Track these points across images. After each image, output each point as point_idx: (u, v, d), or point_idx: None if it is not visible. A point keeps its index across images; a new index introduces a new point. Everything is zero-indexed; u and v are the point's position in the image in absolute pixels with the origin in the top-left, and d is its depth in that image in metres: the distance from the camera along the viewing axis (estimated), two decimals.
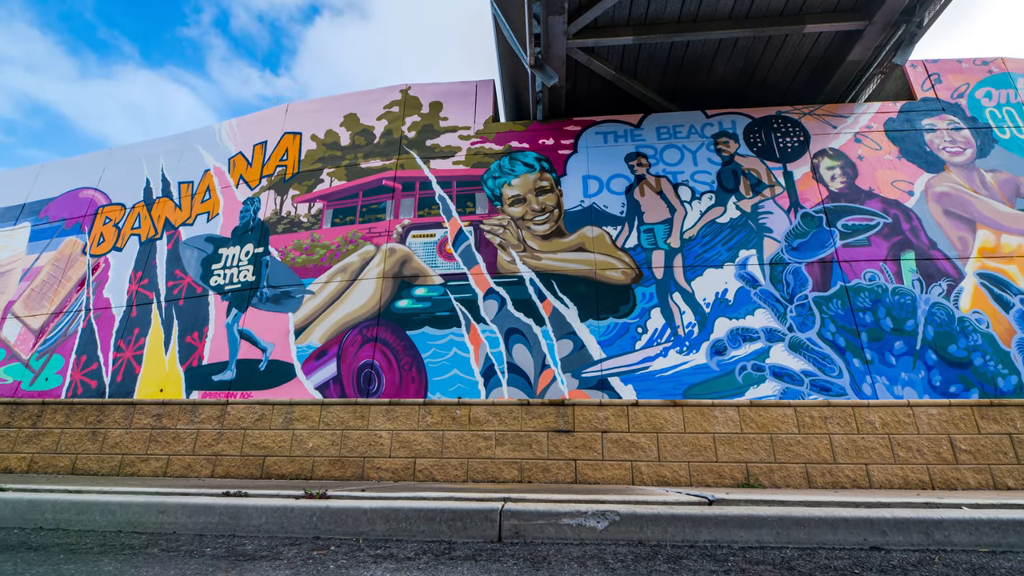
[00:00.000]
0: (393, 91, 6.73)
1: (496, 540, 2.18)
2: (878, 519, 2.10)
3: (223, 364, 5.84)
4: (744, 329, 5.19)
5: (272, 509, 2.32)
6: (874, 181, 5.60)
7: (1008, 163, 5.56)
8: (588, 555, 1.97)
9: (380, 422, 4.70)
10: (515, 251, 5.77)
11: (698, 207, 5.74)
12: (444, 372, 5.37)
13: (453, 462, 4.52)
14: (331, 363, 5.60)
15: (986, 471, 4.18)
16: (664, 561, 1.89)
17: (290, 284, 6.05)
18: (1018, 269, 5.17)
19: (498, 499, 2.42)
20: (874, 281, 5.24)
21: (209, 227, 6.69)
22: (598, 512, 2.17)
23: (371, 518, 2.25)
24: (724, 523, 2.12)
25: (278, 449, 4.70)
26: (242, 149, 7.00)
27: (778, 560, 1.91)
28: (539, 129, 6.27)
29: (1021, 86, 5.90)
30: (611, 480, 4.40)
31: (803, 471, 4.27)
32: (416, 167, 6.28)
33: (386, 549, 2.06)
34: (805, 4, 5.27)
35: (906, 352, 4.98)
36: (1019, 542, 2.07)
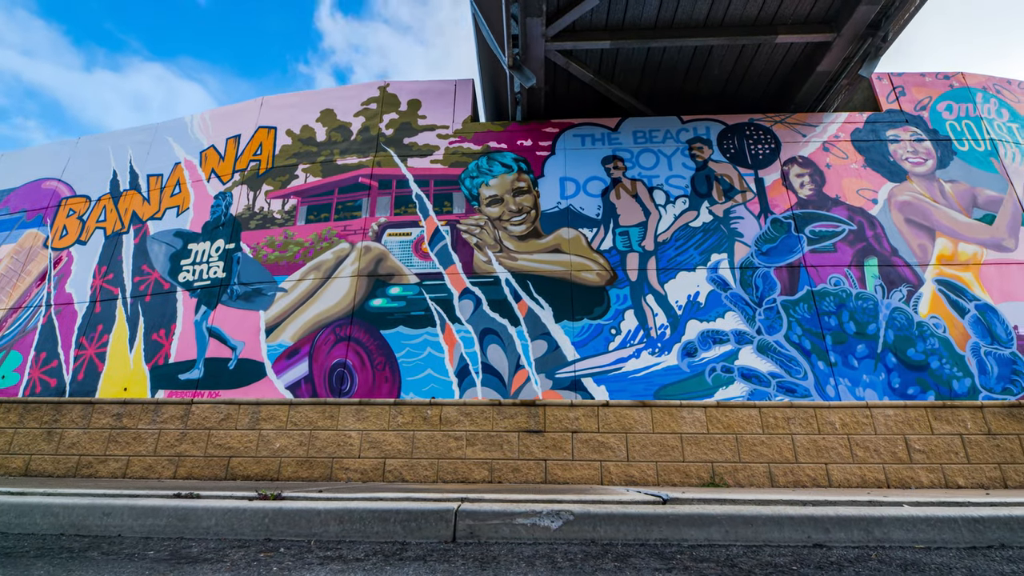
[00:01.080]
0: (371, 88, 6.66)
1: (451, 540, 2.17)
2: (822, 517, 2.16)
3: (191, 363, 5.70)
4: (714, 331, 5.29)
5: (223, 511, 2.27)
6: (840, 189, 5.77)
7: (966, 174, 5.80)
8: (539, 554, 1.98)
9: (350, 422, 4.65)
10: (491, 251, 5.77)
11: (672, 211, 5.83)
12: (418, 372, 5.33)
13: (423, 462, 4.49)
14: (303, 362, 5.51)
15: (938, 470, 4.34)
16: (612, 559, 1.91)
17: (262, 281, 5.93)
18: (973, 276, 5.38)
19: (456, 499, 2.41)
20: (839, 286, 5.40)
21: (179, 222, 6.51)
22: (553, 512, 2.19)
23: (324, 519, 2.22)
24: (675, 522, 2.16)
25: (244, 450, 4.60)
26: (214, 142, 6.84)
27: (723, 558, 1.95)
28: (518, 130, 6.29)
29: (979, 100, 6.16)
30: (581, 480, 4.43)
31: (766, 471, 4.37)
32: (393, 165, 6.23)
33: (336, 551, 2.04)
34: (777, 15, 5.41)
35: (868, 355, 5.14)
36: (953, 538, 2.16)
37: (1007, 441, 4.42)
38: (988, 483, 4.35)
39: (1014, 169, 5.82)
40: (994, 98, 6.19)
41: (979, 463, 4.36)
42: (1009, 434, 4.43)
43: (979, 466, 4.35)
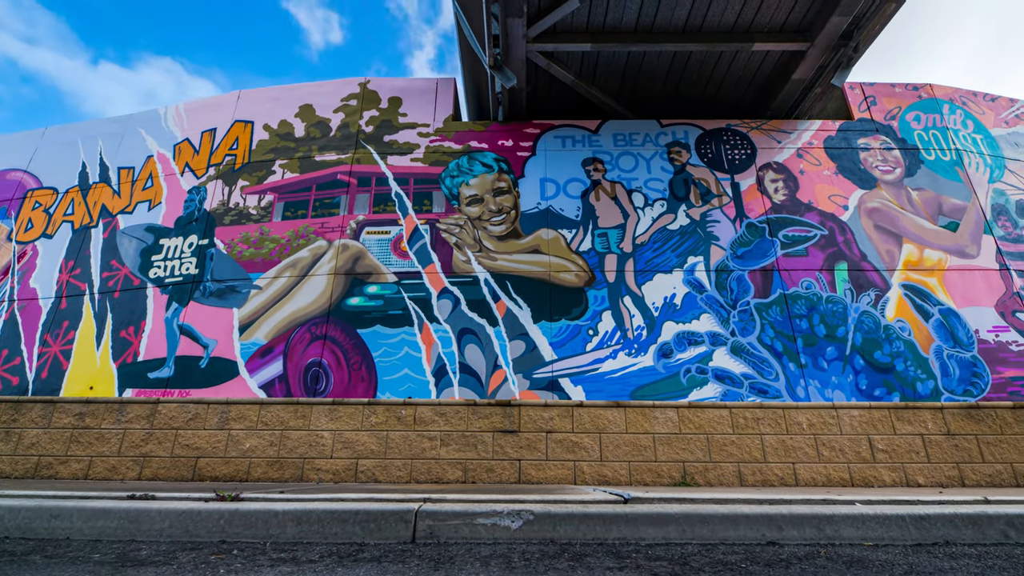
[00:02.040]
0: (351, 84, 6.59)
1: (410, 541, 2.16)
2: (776, 515, 2.20)
3: (160, 361, 5.56)
4: (690, 333, 5.36)
5: (177, 513, 2.22)
6: (813, 195, 5.90)
7: (932, 183, 5.99)
8: (496, 554, 1.98)
9: (322, 422, 4.59)
10: (471, 251, 5.76)
11: (650, 213, 5.89)
12: (395, 372, 5.29)
13: (397, 463, 4.46)
14: (277, 361, 5.42)
15: (900, 469, 4.48)
16: (568, 559, 1.92)
17: (236, 278, 5.82)
18: (938, 281, 5.56)
19: (418, 499, 2.40)
20: (810, 289, 5.52)
21: (150, 216, 6.35)
22: (513, 512, 2.19)
23: (282, 521, 2.18)
24: (633, 521, 2.18)
25: (212, 450, 4.50)
26: (189, 135, 6.68)
27: (677, 556, 1.98)
28: (499, 130, 6.28)
29: (946, 112, 6.37)
30: (554, 480, 4.45)
31: (736, 470, 4.45)
32: (373, 162, 6.17)
33: (291, 552, 2.01)
34: (753, 23, 5.51)
35: (837, 357, 5.27)
36: (900, 535, 2.23)
37: (965, 441, 4.57)
38: (947, 482, 4.49)
39: (977, 179, 6.03)
40: (960, 110, 6.41)
41: (939, 462, 4.50)
42: (967, 434, 4.59)
43: (939, 465, 4.49)
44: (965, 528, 2.24)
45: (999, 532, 2.25)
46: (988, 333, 5.31)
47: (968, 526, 2.24)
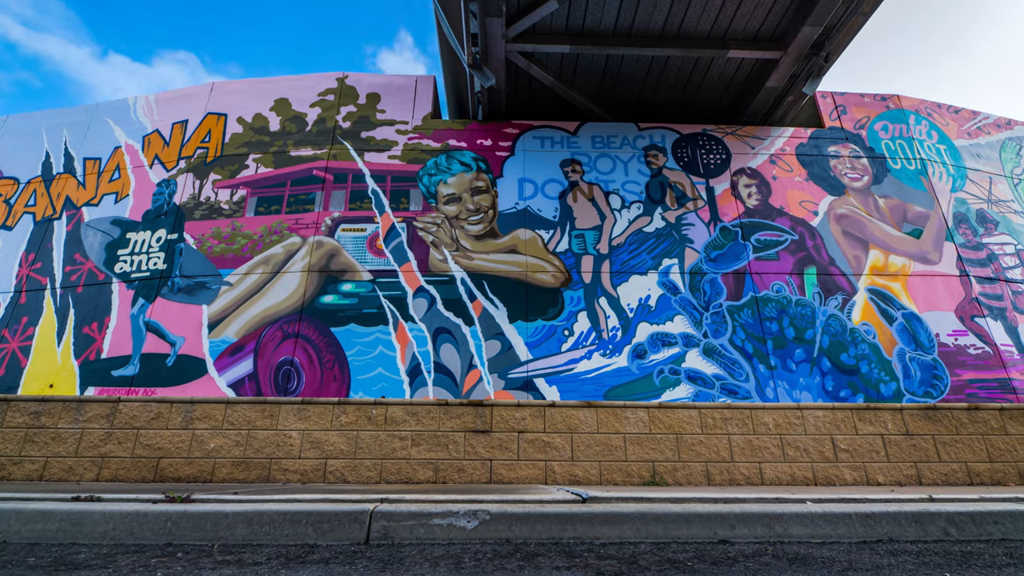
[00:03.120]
0: (329, 78, 6.50)
1: (363, 542, 2.13)
2: (728, 513, 2.24)
3: (125, 358, 5.39)
4: (664, 334, 5.43)
5: (122, 515, 2.15)
6: (785, 200, 6.04)
7: (898, 191, 6.18)
8: (448, 555, 1.97)
9: (291, 422, 4.51)
10: (448, 250, 5.73)
11: (627, 215, 5.95)
12: (368, 371, 5.23)
13: (367, 463, 4.41)
14: (247, 359, 5.31)
15: (861, 468, 4.60)
16: (519, 559, 1.92)
17: (206, 274, 5.68)
18: (901, 286, 5.74)
19: (376, 500, 2.37)
20: (780, 293, 5.65)
21: (117, 209, 6.16)
22: (470, 512, 2.18)
23: (232, 522, 2.13)
24: (589, 520, 2.19)
25: (175, 450, 4.39)
26: (159, 127, 6.50)
27: (627, 555, 2.00)
28: (478, 129, 6.27)
29: (912, 122, 6.58)
30: (525, 480, 4.45)
31: (704, 469, 4.52)
32: (349, 159, 6.09)
33: (238, 555, 1.97)
34: (729, 31, 5.60)
35: (805, 359, 5.39)
36: (846, 533, 2.29)
37: (923, 441, 4.73)
38: (905, 480, 4.64)
39: (940, 187, 6.24)
40: (925, 120, 6.63)
41: (897, 461, 4.64)
42: (925, 434, 4.75)
43: (897, 464, 4.63)
44: (908, 525, 2.31)
45: (940, 529, 2.33)
46: (948, 337, 5.50)
47: (911, 523, 2.32)
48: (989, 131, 6.80)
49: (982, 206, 6.27)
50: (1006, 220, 6.25)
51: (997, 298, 5.79)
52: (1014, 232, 6.20)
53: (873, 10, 5.10)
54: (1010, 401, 5.23)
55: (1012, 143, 6.83)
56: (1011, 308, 5.78)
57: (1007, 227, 6.21)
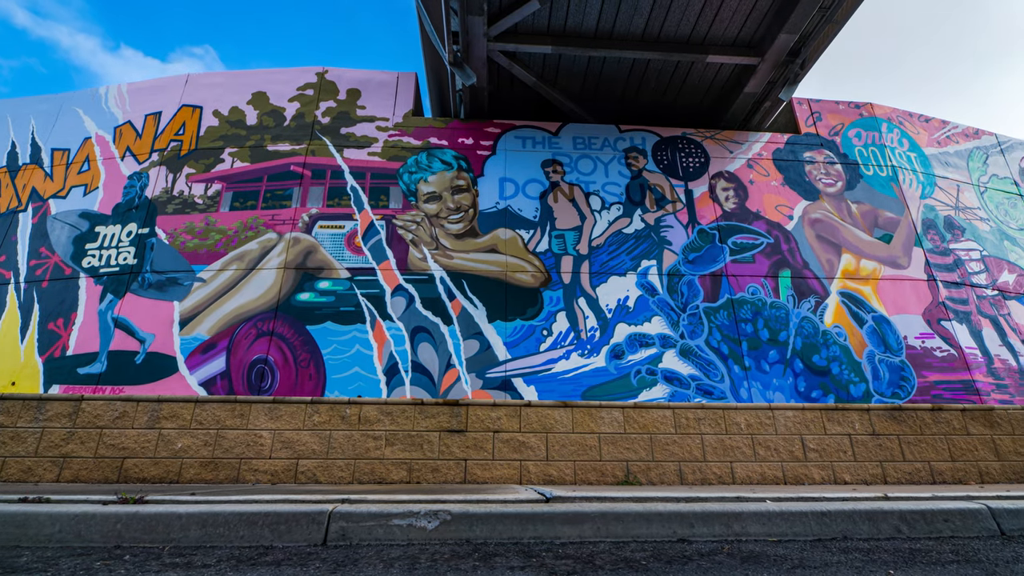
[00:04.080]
0: (308, 73, 6.40)
1: (321, 543, 2.10)
2: (688, 512, 2.26)
3: (92, 355, 5.24)
4: (641, 335, 5.48)
5: (69, 516, 2.09)
6: (761, 204, 6.14)
7: (870, 197, 6.33)
8: (405, 556, 1.95)
9: (262, 421, 4.43)
10: (427, 248, 5.70)
11: (607, 217, 5.98)
12: (345, 369, 5.17)
13: (339, 463, 4.35)
14: (220, 357, 5.20)
15: (829, 468, 4.71)
16: (476, 559, 1.91)
17: (178, 270, 5.55)
18: (872, 290, 5.88)
19: (336, 500, 2.34)
20: (756, 295, 5.74)
21: (85, 202, 5.98)
22: (431, 512, 2.16)
23: (185, 524, 2.08)
24: (550, 520, 2.19)
25: (141, 450, 4.27)
26: (131, 118, 6.33)
27: (585, 554, 2.00)
28: (459, 128, 6.24)
29: (884, 130, 6.75)
30: (500, 479, 4.45)
31: (677, 469, 4.57)
32: (328, 155, 6.01)
33: (188, 557, 1.92)
34: (708, 36, 5.68)
35: (778, 360, 5.49)
36: (803, 531, 2.33)
37: (888, 441, 4.85)
38: (871, 479, 4.75)
39: (910, 194, 6.41)
40: (897, 128, 6.80)
41: (864, 461, 4.76)
42: (890, 435, 4.87)
43: (864, 464, 4.75)
44: (862, 523, 2.37)
45: (892, 527, 2.39)
46: (916, 339, 5.66)
47: (865, 521, 2.37)
48: (958, 140, 7.01)
49: (950, 213, 6.46)
50: (972, 227, 6.45)
51: (963, 302, 5.97)
52: (979, 239, 6.40)
53: (846, 19, 5.21)
54: (973, 402, 5.40)
55: (979, 152, 7.05)
56: (976, 312, 5.97)
57: (973, 234, 6.40)
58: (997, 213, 6.68)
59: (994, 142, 7.23)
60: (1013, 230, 6.64)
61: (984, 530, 2.46)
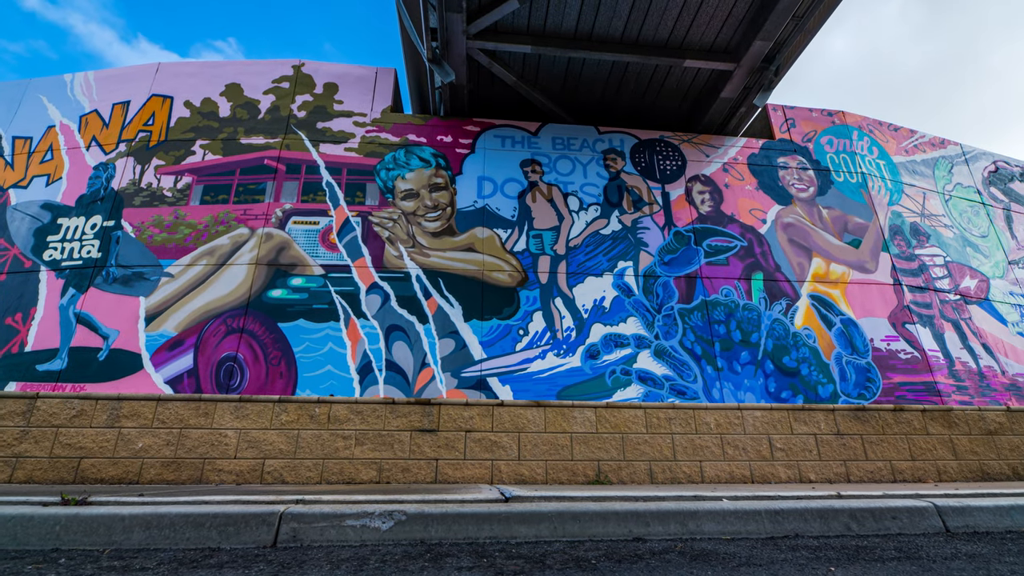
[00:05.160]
0: (284, 65, 6.28)
1: (270, 545, 2.06)
2: (644, 511, 2.28)
3: (52, 352, 5.06)
4: (617, 335, 5.51)
5: (4, 519, 2.00)
6: (736, 208, 6.24)
7: (840, 203, 6.49)
8: (355, 557, 1.93)
9: (227, 420, 4.33)
10: (403, 246, 5.64)
11: (584, 217, 6.01)
12: (317, 368, 5.09)
13: (307, 463, 4.28)
14: (187, 355, 5.07)
15: (795, 466, 4.81)
16: (426, 560, 1.90)
17: (144, 264, 5.39)
18: (840, 293, 6.03)
19: (290, 500, 2.30)
20: (729, 297, 5.83)
21: (48, 192, 5.76)
22: (385, 512, 2.14)
23: (128, 526, 2.02)
24: (506, 520, 2.19)
25: (99, 450, 4.14)
26: (98, 107, 6.13)
27: (538, 554, 2.00)
28: (438, 125, 6.20)
29: (855, 138, 6.92)
30: (471, 479, 4.43)
31: (647, 468, 4.61)
32: (304, 149, 5.91)
33: (128, 560, 1.86)
34: (685, 40, 5.74)
35: (750, 361, 5.59)
36: (756, 529, 2.37)
37: (852, 441, 4.98)
38: (835, 478, 4.87)
39: (879, 200, 6.59)
40: (867, 136, 6.99)
41: (828, 460, 4.87)
42: (854, 434, 5.00)
43: (828, 463, 4.86)
44: (813, 521, 2.42)
45: (842, 525, 2.45)
46: (881, 342, 5.82)
47: (816, 519, 2.42)
48: (925, 149, 7.24)
49: (916, 220, 6.66)
50: (937, 233, 6.66)
51: (926, 306, 6.16)
52: (944, 245, 6.62)
53: (818, 28, 5.33)
54: (935, 403, 5.58)
55: (944, 162, 7.29)
56: (939, 316, 6.16)
57: (937, 240, 6.62)
58: (960, 220, 6.92)
59: (959, 152, 7.48)
60: (975, 237, 6.88)
61: (930, 527, 2.54)
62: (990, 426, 5.22)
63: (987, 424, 5.23)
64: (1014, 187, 7.54)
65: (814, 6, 5.19)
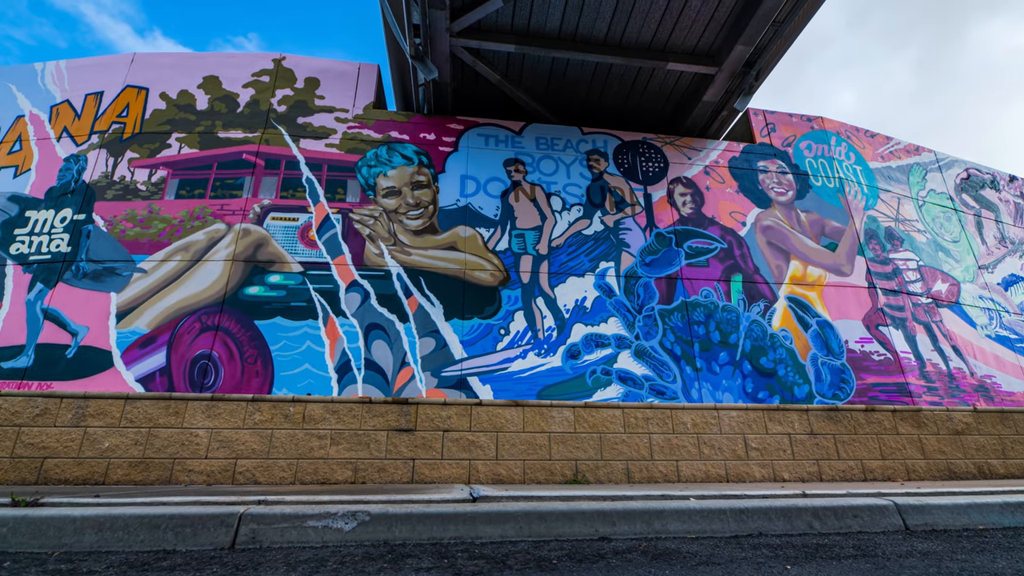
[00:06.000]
0: (265, 59, 6.18)
1: (228, 547, 2.02)
2: (611, 511, 2.29)
3: (18, 348, 4.90)
4: (597, 335, 5.54)
5: None
6: (716, 210, 6.31)
7: (818, 207, 6.60)
8: (314, 558, 1.90)
9: (198, 419, 4.24)
10: (384, 244, 5.59)
11: (567, 218, 6.02)
12: (294, 366, 5.02)
13: (281, 463, 4.22)
14: (160, 352, 4.96)
15: (769, 466, 4.88)
16: (386, 561, 1.88)
17: (116, 259, 5.26)
18: (817, 296, 6.13)
19: (252, 501, 2.26)
20: (709, 298, 5.90)
21: (16, 184, 5.59)
22: (349, 513, 2.11)
23: (80, 528, 1.96)
24: (472, 520, 2.18)
25: (63, 450, 4.02)
26: (70, 97, 5.96)
27: (500, 554, 2.00)
28: (422, 122, 6.16)
29: (833, 143, 7.06)
30: (448, 479, 4.41)
31: (624, 468, 4.64)
32: (283, 144, 5.82)
33: (76, 563, 1.81)
34: (668, 43, 5.79)
35: (728, 362, 5.66)
36: (721, 528, 2.40)
37: (825, 440, 5.07)
38: (808, 477, 4.96)
39: (855, 205, 6.73)
40: (845, 143, 7.13)
41: (802, 459, 4.96)
42: (827, 434, 5.10)
43: (801, 462, 4.95)
44: (777, 520, 2.45)
45: (805, 523, 2.49)
46: (856, 344, 5.94)
47: (780, 518, 2.46)
48: (900, 156, 7.41)
49: (891, 224, 6.81)
50: (910, 238, 6.82)
51: (899, 309, 6.30)
52: (917, 249, 6.78)
53: (796, 34, 5.42)
54: (906, 403, 5.71)
55: (919, 168, 7.47)
56: (911, 319, 6.31)
57: (911, 244, 6.78)
58: (933, 226, 7.10)
59: (933, 159, 7.67)
60: (947, 242, 7.06)
61: (890, 525, 2.59)
62: (957, 426, 5.36)
63: (954, 424, 5.37)
64: (985, 194, 7.76)
65: (793, 12, 5.27)
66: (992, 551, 2.16)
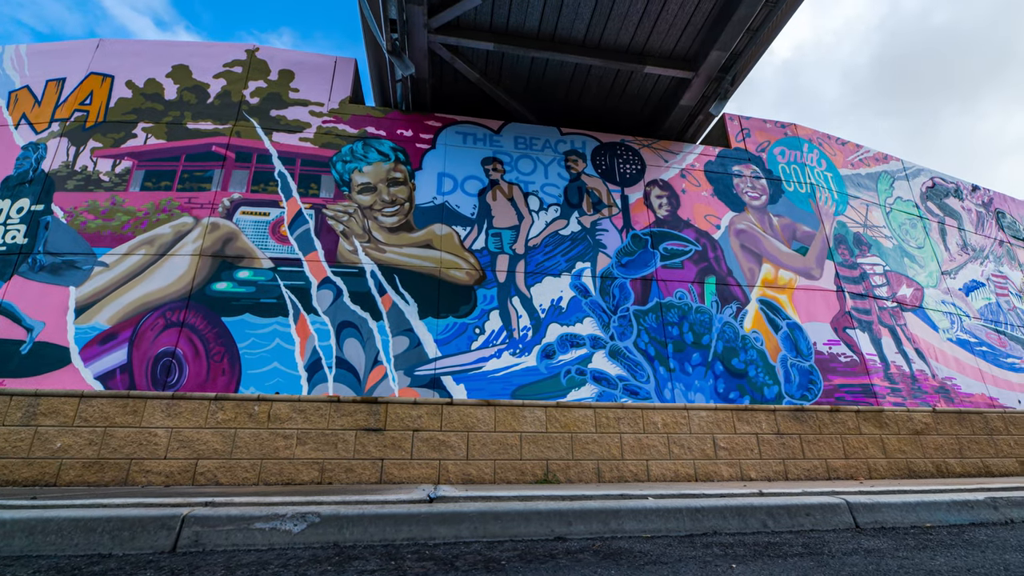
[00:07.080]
0: (237, 49, 6.03)
1: (169, 551, 1.95)
2: (567, 511, 2.29)
3: None
4: (573, 335, 5.55)
5: None
6: (692, 213, 6.40)
7: (790, 211, 6.75)
8: (256, 562, 1.85)
9: (158, 419, 4.11)
10: (359, 241, 5.51)
11: (544, 217, 6.03)
12: (263, 364, 4.91)
13: (244, 463, 4.12)
14: (121, 349, 4.80)
15: (737, 465, 4.96)
16: (331, 564, 1.84)
17: (76, 252, 5.07)
18: (787, 298, 6.27)
19: (198, 503, 2.19)
20: (683, 300, 5.97)
21: None
22: (298, 514, 2.06)
23: (9, 532, 1.87)
24: (425, 521, 2.15)
25: (12, 450, 3.86)
26: (30, 83, 5.72)
27: (450, 556, 1.98)
28: (399, 119, 6.09)
29: (805, 150, 7.22)
30: (417, 479, 4.36)
31: (595, 467, 4.66)
32: (255, 137, 5.69)
33: (0, 570, 1.72)
34: (647, 46, 5.84)
35: (701, 363, 5.74)
36: (676, 527, 2.42)
37: (791, 440, 5.18)
38: (774, 476, 5.05)
39: (825, 211, 6.90)
40: (816, 149, 7.30)
41: (768, 459, 5.05)
42: (793, 434, 5.21)
43: (768, 461, 5.04)
44: (732, 519, 2.49)
45: (760, 522, 2.53)
46: (824, 346, 6.08)
47: (735, 517, 2.49)
48: (869, 164, 7.62)
49: (859, 230, 7.00)
50: (877, 244, 7.02)
51: (866, 312, 6.48)
52: (883, 255, 6.98)
53: (770, 42, 5.52)
54: (871, 404, 5.87)
55: (887, 176, 7.70)
56: (877, 322, 6.50)
57: (878, 250, 6.98)
58: (899, 232, 7.32)
59: (900, 167, 7.92)
60: (912, 248, 7.29)
61: (841, 523, 2.65)
62: (917, 426, 5.54)
63: (915, 424, 5.54)
64: (949, 202, 8.04)
65: (767, 20, 5.37)
66: (934, 548, 2.22)
